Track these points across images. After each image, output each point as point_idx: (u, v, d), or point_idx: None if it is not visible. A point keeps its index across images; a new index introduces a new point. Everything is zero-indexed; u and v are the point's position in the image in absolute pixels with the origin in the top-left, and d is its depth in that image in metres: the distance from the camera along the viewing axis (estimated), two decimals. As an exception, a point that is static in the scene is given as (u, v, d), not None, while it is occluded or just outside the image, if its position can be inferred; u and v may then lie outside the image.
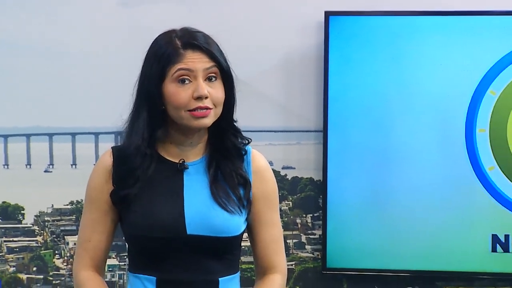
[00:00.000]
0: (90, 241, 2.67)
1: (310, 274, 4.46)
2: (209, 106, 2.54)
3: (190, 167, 2.64)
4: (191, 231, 2.56)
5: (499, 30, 4.19)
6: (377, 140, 4.27)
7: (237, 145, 2.68)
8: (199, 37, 2.58)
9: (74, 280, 2.71)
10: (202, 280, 2.61)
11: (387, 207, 4.29)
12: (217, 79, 2.57)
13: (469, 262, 4.26)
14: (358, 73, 4.26)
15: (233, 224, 2.61)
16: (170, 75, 2.55)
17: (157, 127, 2.63)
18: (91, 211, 2.67)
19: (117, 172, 2.63)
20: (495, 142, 4.22)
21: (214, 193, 2.61)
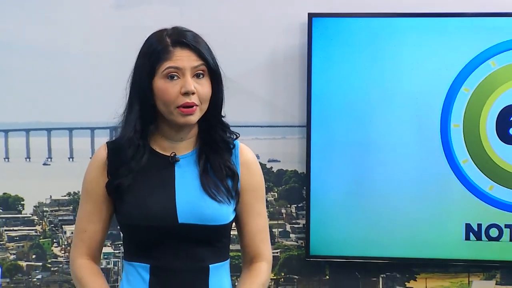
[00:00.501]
0: (86, 231, 2.69)
1: (294, 261, 4.45)
2: (196, 102, 2.56)
3: (181, 159, 2.65)
4: (182, 220, 2.58)
5: (472, 31, 4.20)
6: (358, 134, 4.27)
7: (225, 139, 2.68)
8: (188, 35, 2.60)
9: (71, 267, 2.73)
10: (193, 267, 2.62)
11: (367, 198, 4.29)
12: (204, 76, 2.58)
13: (444, 250, 4.27)
14: (339, 71, 4.26)
15: (222, 213, 2.63)
16: (159, 71, 2.57)
17: (149, 121, 2.64)
18: (87, 203, 2.69)
19: (111, 164, 2.64)
20: (469, 137, 4.23)
21: (204, 184, 2.61)
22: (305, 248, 4.35)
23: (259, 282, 2.72)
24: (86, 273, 2.69)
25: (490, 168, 4.23)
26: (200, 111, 2.59)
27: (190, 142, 2.69)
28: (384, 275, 4.43)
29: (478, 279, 4.40)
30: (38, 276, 4.59)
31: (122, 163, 2.63)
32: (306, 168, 4.30)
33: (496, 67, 4.19)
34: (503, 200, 4.22)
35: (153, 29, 2.69)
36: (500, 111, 4.21)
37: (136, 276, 2.64)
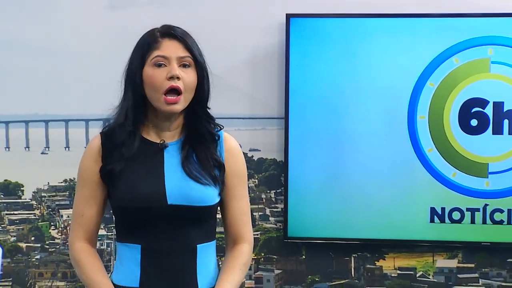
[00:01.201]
0: (83, 216, 2.70)
1: (273, 242, 4.48)
2: (181, 86, 2.57)
3: (169, 146, 2.67)
4: (171, 201, 2.60)
5: (437, 30, 4.21)
6: (332, 126, 4.28)
7: (211, 131, 2.70)
8: (177, 29, 2.64)
9: (70, 250, 2.74)
10: (182, 247, 2.64)
11: (340, 184, 4.29)
12: (190, 67, 2.60)
13: (410, 232, 4.29)
14: (315, 67, 4.27)
15: (208, 195, 2.64)
16: (149, 60, 2.60)
17: (140, 109, 2.65)
18: (83, 189, 2.70)
19: (105, 150, 2.66)
20: (433, 128, 4.24)
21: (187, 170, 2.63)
22: (283, 230, 4.36)
23: (241, 262, 2.73)
24: (84, 256, 2.69)
25: (453, 156, 4.23)
26: (185, 100, 2.61)
27: (177, 131, 2.70)
28: (356, 255, 4.45)
29: (442, 258, 4.42)
30: (37, 256, 4.58)
31: (115, 148, 2.65)
32: (284, 156, 4.30)
33: (458, 63, 4.20)
34: (464, 186, 4.23)
35: (143, 28, 2.71)
36: (462, 104, 4.22)
37: (128, 256, 2.65)
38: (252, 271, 4.50)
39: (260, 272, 4.53)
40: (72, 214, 2.78)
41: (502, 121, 4.22)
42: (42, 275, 4.60)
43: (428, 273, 4.46)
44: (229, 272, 2.72)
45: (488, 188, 4.24)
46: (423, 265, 4.45)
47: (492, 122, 4.22)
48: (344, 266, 4.48)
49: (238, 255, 2.76)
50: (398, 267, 4.47)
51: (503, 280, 4.40)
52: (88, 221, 2.71)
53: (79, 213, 2.71)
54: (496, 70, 4.20)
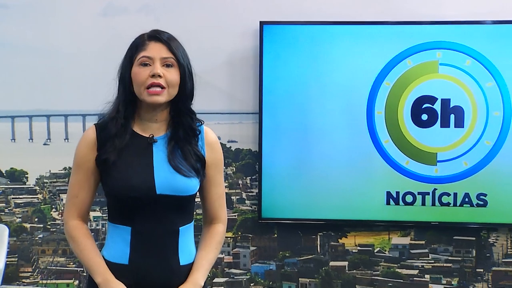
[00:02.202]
0: (77, 197, 2.71)
1: (249, 223, 4.50)
2: (162, 83, 2.59)
3: (158, 140, 2.68)
4: (160, 192, 2.63)
5: (392, 36, 4.23)
6: (300, 120, 4.29)
7: (193, 127, 2.71)
8: (163, 33, 2.67)
9: (65, 227, 2.75)
10: (167, 229, 2.67)
11: (307, 171, 4.31)
12: (173, 67, 2.62)
13: (369, 213, 4.32)
14: (285, 69, 4.28)
15: (191, 185, 2.67)
16: (136, 60, 2.63)
17: (130, 104, 2.66)
18: (78, 174, 2.71)
19: (99, 140, 2.67)
20: (389, 122, 4.26)
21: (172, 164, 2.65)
22: (257, 212, 4.39)
23: (217, 241, 2.79)
24: (77, 233, 2.71)
25: (406, 147, 4.25)
26: (168, 94, 2.62)
27: (163, 124, 2.71)
28: (321, 233, 4.47)
29: (396, 236, 4.45)
30: (40, 235, 4.61)
31: (108, 139, 2.66)
32: (259, 147, 4.33)
33: (411, 65, 4.22)
34: (416, 173, 4.26)
35: (132, 33, 2.75)
36: (414, 100, 4.24)
37: (119, 236, 2.67)
38: (230, 248, 4.50)
39: (237, 249, 4.53)
40: (67, 195, 2.78)
41: (449, 115, 4.23)
42: (44, 252, 4.61)
43: (384, 249, 4.46)
44: (206, 250, 2.76)
45: (437, 175, 4.26)
46: (380, 242, 4.46)
47: (441, 117, 4.23)
48: (311, 243, 4.49)
49: (214, 235, 2.80)
50: (358, 244, 4.48)
51: (450, 255, 4.42)
52: (82, 202, 2.72)
53: (73, 195, 2.72)
54: (444, 71, 4.21)
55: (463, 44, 4.20)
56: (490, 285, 4.42)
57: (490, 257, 4.41)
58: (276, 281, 4.53)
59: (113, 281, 2.63)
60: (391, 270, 4.47)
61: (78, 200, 2.72)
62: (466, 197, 4.27)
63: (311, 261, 4.51)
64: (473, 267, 4.44)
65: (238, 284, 4.53)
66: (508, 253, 4.40)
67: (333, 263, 4.51)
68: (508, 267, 4.41)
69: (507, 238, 4.40)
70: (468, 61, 4.21)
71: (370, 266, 4.49)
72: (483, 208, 4.25)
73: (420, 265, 4.46)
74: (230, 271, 4.54)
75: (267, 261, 4.54)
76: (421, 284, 4.46)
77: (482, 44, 4.19)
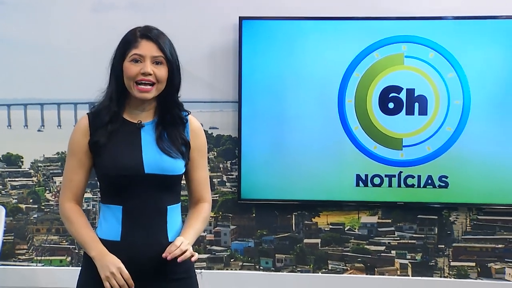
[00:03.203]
0: (72, 181, 2.75)
1: (229, 203, 4.51)
2: (152, 80, 2.63)
3: (145, 125, 2.73)
4: (148, 171, 2.67)
5: (361, 30, 4.25)
6: (276, 108, 4.32)
7: (181, 116, 2.76)
8: (154, 32, 2.69)
9: (60, 209, 2.79)
10: (155, 208, 2.70)
11: (283, 155, 4.34)
12: (162, 64, 2.66)
13: (340, 194, 4.35)
14: (263, 61, 4.29)
15: (177, 166, 2.72)
16: (128, 56, 2.66)
17: (121, 94, 2.70)
18: (72, 159, 2.75)
19: (92, 127, 2.71)
20: (359, 110, 4.28)
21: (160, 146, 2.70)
22: (237, 194, 4.42)
23: (203, 216, 2.82)
24: (72, 213, 2.74)
25: (374, 133, 4.28)
26: (157, 89, 2.67)
27: (150, 112, 2.75)
28: (296, 213, 4.48)
29: (365, 215, 4.47)
30: (35, 215, 4.62)
31: (100, 125, 2.69)
32: (238, 133, 4.35)
33: (378, 57, 4.25)
34: (383, 157, 4.29)
35: (120, 28, 2.79)
36: (382, 90, 4.27)
37: (111, 215, 2.70)
38: (212, 227, 4.50)
39: (218, 228, 4.53)
40: (62, 179, 2.80)
41: (414, 104, 4.25)
42: (39, 230, 4.61)
43: (354, 227, 4.47)
44: (193, 221, 2.79)
45: (403, 159, 4.29)
46: (350, 221, 4.47)
47: (406, 105, 4.25)
48: (287, 222, 4.49)
49: (200, 210, 2.83)
50: (330, 223, 4.47)
51: (414, 232, 4.43)
52: (76, 186, 2.75)
53: (68, 179, 2.76)
54: (408, 63, 4.23)
55: (427, 38, 4.22)
56: (450, 260, 4.44)
57: (450, 234, 4.43)
58: (254, 257, 4.55)
59: (106, 253, 2.65)
60: (360, 246, 4.49)
61: (73, 184, 2.76)
62: (429, 179, 4.30)
63: (287, 239, 4.51)
64: (435, 244, 4.45)
65: (219, 260, 4.55)
66: (467, 230, 4.42)
67: (307, 240, 4.51)
68: (467, 243, 4.43)
69: (466, 217, 4.42)
70: (431, 53, 4.23)
71: (341, 243, 4.50)
72: (444, 189, 4.29)
73: (387, 242, 4.48)
74: (211, 248, 4.56)
75: (246, 238, 4.55)
76: (388, 259, 4.48)
77: (444, 38, 4.21)
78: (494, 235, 4.43)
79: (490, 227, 4.42)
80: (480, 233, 4.43)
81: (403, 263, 4.49)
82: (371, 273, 4.51)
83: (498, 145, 4.24)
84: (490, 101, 4.25)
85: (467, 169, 4.27)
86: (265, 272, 4.55)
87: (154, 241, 2.70)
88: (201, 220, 2.82)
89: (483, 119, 4.25)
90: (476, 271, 4.45)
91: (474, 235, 4.44)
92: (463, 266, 4.46)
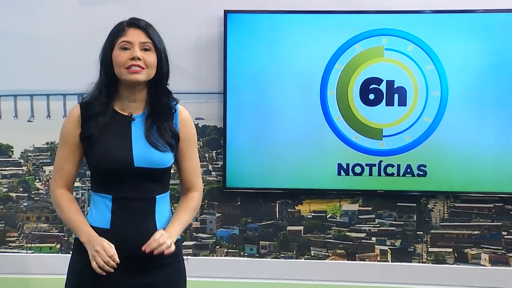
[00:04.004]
0: (63, 169, 2.78)
1: (214, 192, 4.50)
2: (142, 65, 2.64)
3: (136, 118, 2.75)
4: (137, 164, 2.70)
5: (343, 23, 4.24)
6: (260, 99, 4.31)
7: (169, 105, 2.77)
8: (141, 21, 2.73)
9: (51, 196, 2.82)
10: (145, 197, 2.74)
11: (267, 145, 4.33)
12: (151, 50, 2.68)
13: (322, 182, 4.35)
14: (247, 53, 4.29)
15: (165, 159, 2.75)
16: (116, 44, 2.67)
17: (111, 85, 2.71)
18: (64, 149, 2.77)
19: (83, 118, 2.72)
20: (340, 101, 4.28)
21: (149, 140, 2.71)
22: (222, 182, 4.41)
23: (191, 206, 2.87)
24: (63, 199, 2.77)
25: (355, 123, 4.28)
26: (147, 74, 2.67)
27: (141, 103, 2.76)
28: (280, 201, 4.49)
29: (346, 203, 4.48)
30: (25, 203, 4.62)
31: (91, 116, 2.70)
32: (223, 123, 4.34)
33: (360, 50, 4.25)
34: (364, 146, 4.30)
35: (107, 21, 2.81)
36: (363, 82, 4.26)
37: (102, 204, 2.73)
38: (198, 215, 4.49)
39: (204, 215, 4.53)
40: (54, 167, 2.82)
41: (394, 95, 4.26)
42: (29, 218, 4.61)
43: (336, 214, 4.48)
44: (180, 213, 2.83)
45: (383, 148, 4.30)
46: (332, 209, 4.48)
47: (386, 96, 4.25)
48: (271, 210, 4.51)
49: (189, 201, 2.87)
50: (312, 210, 4.49)
51: (393, 219, 4.46)
52: (67, 174, 2.78)
53: (60, 167, 2.78)
54: (389, 55, 4.24)
55: (406, 31, 4.23)
56: (428, 246, 4.47)
57: (429, 221, 4.45)
58: (239, 244, 4.56)
59: (97, 237, 2.67)
60: (341, 233, 4.50)
61: (64, 172, 2.78)
62: (408, 168, 4.31)
63: (271, 226, 4.52)
64: (414, 230, 4.47)
65: (205, 247, 4.55)
66: (445, 217, 4.45)
67: (290, 227, 4.52)
68: (445, 230, 4.45)
69: (444, 204, 4.44)
70: (410, 46, 4.23)
71: (323, 230, 4.51)
72: (423, 178, 4.30)
73: (368, 229, 4.49)
74: (197, 235, 4.56)
75: (231, 226, 4.56)
76: (368, 245, 4.50)
77: (423, 31, 4.22)
78: (470, 222, 4.46)
79: (466, 214, 4.45)
80: (457, 220, 4.46)
81: (383, 249, 4.51)
82: (352, 259, 4.53)
83: (474, 135, 4.26)
84: (467, 93, 4.26)
85: (445, 159, 4.29)
86: (250, 258, 4.57)
87: (142, 229, 2.72)
88: (189, 211, 2.86)
89: (461, 110, 4.27)
90: (453, 257, 4.48)
91: (451, 222, 4.47)
92: (441, 252, 4.49)
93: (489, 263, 4.47)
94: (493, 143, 4.26)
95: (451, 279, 4.44)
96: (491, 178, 4.28)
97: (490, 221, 4.45)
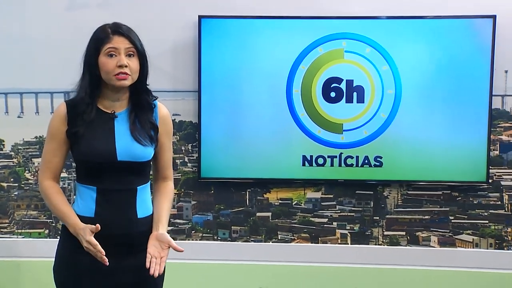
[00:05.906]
0: (50, 162, 2.76)
1: (190, 181, 4.50)
2: (128, 72, 2.64)
3: (118, 115, 2.75)
4: (120, 158, 2.70)
5: (306, 28, 4.26)
6: (232, 97, 4.32)
7: (149, 102, 2.78)
8: (124, 27, 2.71)
9: (40, 187, 2.80)
10: (127, 188, 2.74)
11: (238, 139, 4.35)
12: (134, 56, 2.68)
13: (288, 172, 4.37)
14: (220, 55, 4.29)
15: (147, 153, 2.76)
16: (102, 51, 2.65)
17: (95, 86, 2.69)
18: (51, 143, 2.76)
19: (70, 116, 2.71)
20: (305, 98, 4.30)
21: (133, 134, 2.72)
22: (197, 173, 4.42)
23: (170, 197, 2.89)
24: (52, 191, 2.76)
25: (318, 119, 4.30)
26: (131, 79, 2.68)
27: (124, 102, 2.76)
28: (250, 190, 4.51)
29: (310, 191, 4.49)
30: (15, 193, 4.61)
31: (77, 115, 2.69)
32: (198, 119, 4.35)
33: (322, 52, 4.26)
34: (326, 140, 4.32)
35: (92, 24, 2.78)
36: (325, 81, 4.28)
37: (87, 194, 2.73)
38: (175, 203, 4.48)
39: (181, 203, 4.54)
40: (41, 160, 2.80)
41: (353, 93, 4.27)
42: (19, 206, 4.61)
43: (301, 202, 4.51)
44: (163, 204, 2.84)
45: (343, 141, 4.32)
46: (297, 196, 4.51)
47: (346, 94, 4.27)
48: (241, 198, 4.52)
49: (168, 192, 2.89)
50: (279, 198, 4.51)
51: (353, 206, 4.49)
52: (54, 166, 2.77)
53: (47, 160, 2.77)
54: (348, 57, 4.25)
55: (364, 35, 4.26)
56: (384, 230, 4.50)
57: (384, 207, 4.49)
58: (212, 229, 4.58)
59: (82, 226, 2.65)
60: (306, 219, 4.53)
61: (52, 165, 2.77)
62: (366, 159, 4.35)
63: (242, 213, 4.54)
64: (371, 216, 4.51)
65: (181, 232, 4.56)
66: (399, 204, 4.48)
67: (259, 213, 4.55)
68: (398, 215, 4.49)
69: (398, 192, 4.48)
70: (367, 49, 4.26)
71: (289, 216, 4.54)
72: (379, 168, 4.34)
73: (329, 215, 4.52)
74: (175, 221, 4.56)
75: (205, 212, 4.57)
76: (330, 229, 4.52)
77: (379, 36, 4.25)
78: (421, 208, 4.50)
79: (418, 200, 4.49)
80: (409, 206, 4.50)
81: (343, 233, 4.54)
82: (315, 242, 4.55)
83: (425, 130, 4.29)
84: (418, 91, 4.29)
85: (399, 151, 4.32)
86: (223, 242, 4.58)
87: (124, 218, 2.75)
88: (169, 201, 2.88)
89: (413, 107, 4.30)
90: (406, 239, 4.52)
91: (404, 208, 4.51)
92: (395, 235, 4.52)
93: (438, 245, 4.50)
94: (442, 137, 4.30)
95: (404, 259, 4.48)
96: (440, 168, 4.32)
97: (439, 207, 4.50)
